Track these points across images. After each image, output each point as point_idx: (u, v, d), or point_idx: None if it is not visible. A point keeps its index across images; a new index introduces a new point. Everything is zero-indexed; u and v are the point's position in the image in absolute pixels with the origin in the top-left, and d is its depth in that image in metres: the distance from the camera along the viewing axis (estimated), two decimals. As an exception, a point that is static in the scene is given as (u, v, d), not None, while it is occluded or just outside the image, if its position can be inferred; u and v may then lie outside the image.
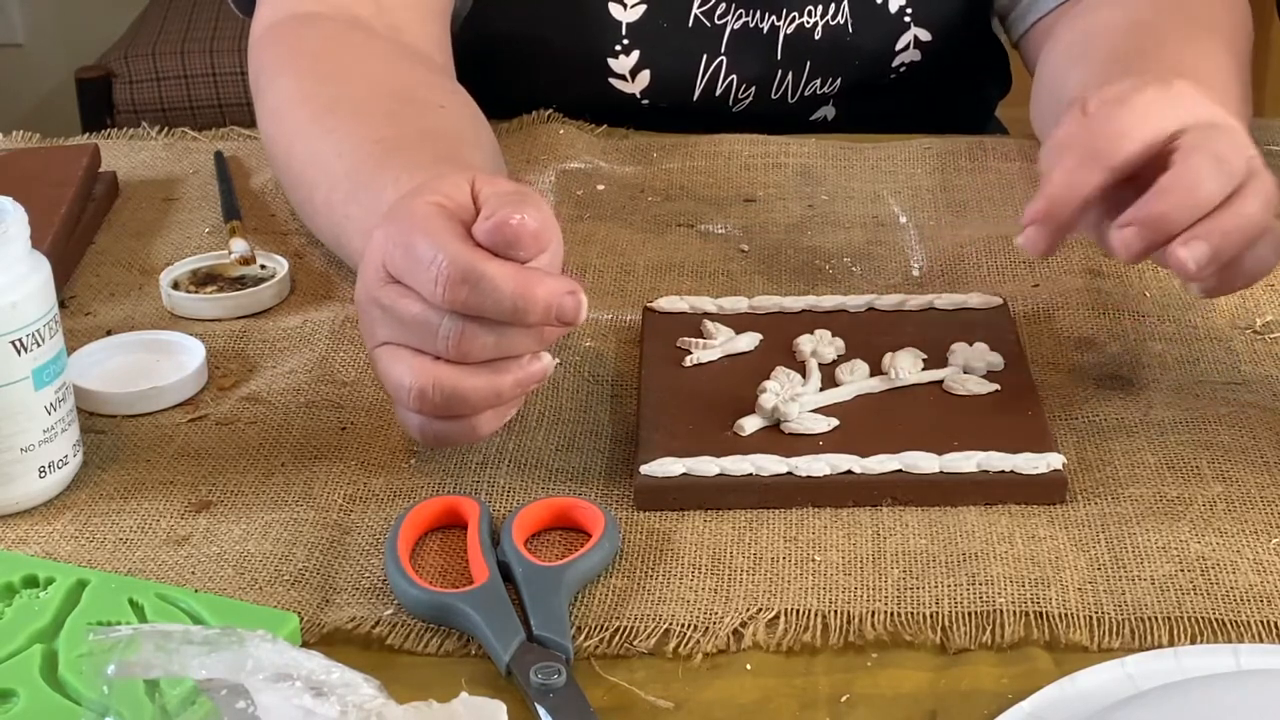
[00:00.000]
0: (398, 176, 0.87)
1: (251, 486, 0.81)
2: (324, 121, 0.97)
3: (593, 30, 1.19)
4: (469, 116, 1.00)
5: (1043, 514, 0.77)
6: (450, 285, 0.72)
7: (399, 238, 0.74)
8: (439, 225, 0.74)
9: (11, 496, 0.78)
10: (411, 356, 0.74)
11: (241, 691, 0.59)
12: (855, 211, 1.08)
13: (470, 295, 0.72)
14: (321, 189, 0.95)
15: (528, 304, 0.72)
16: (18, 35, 3.10)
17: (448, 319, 0.73)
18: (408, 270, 0.74)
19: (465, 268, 0.72)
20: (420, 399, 0.74)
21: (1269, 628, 0.70)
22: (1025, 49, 1.24)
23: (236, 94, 2.37)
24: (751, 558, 0.75)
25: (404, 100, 0.98)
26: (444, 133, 0.96)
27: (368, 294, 0.76)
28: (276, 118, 1.01)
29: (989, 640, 0.70)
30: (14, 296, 0.75)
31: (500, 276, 0.72)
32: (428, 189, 0.77)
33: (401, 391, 0.75)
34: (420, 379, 0.74)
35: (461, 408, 0.75)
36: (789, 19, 1.21)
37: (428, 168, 0.88)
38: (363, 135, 0.94)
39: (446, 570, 0.75)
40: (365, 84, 1.00)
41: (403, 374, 0.74)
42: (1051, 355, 0.90)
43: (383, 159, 0.91)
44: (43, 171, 1.08)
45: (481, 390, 0.74)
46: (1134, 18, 1.08)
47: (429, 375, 0.74)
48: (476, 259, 0.72)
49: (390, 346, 0.76)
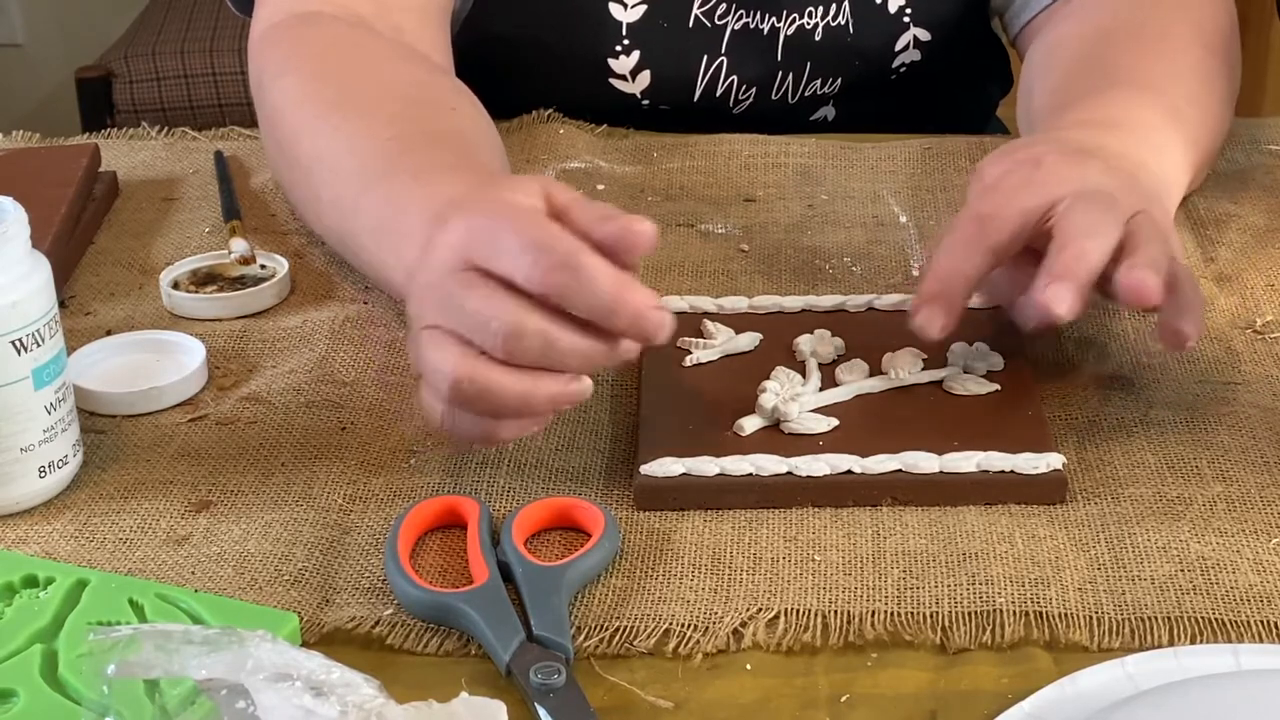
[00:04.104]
0: (418, 173, 0.87)
1: (251, 486, 0.81)
2: (331, 119, 0.97)
3: (593, 31, 1.19)
4: (479, 119, 1.00)
5: (1043, 514, 0.77)
6: (551, 268, 0.72)
7: (493, 224, 0.74)
8: (540, 217, 0.74)
9: (11, 496, 0.78)
10: (457, 344, 0.74)
11: (241, 691, 0.59)
12: (855, 211, 1.08)
13: (569, 281, 0.72)
14: (329, 185, 0.95)
15: (620, 304, 0.73)
16: (18, 35, 3.10)
17: (507, 315, 0.73)
18: (502, 253, 0.73)
19: (569, 253, 0.72)
20: (455, 387, 0.73)
21: (1269, 628, 0.70)
22: (1020, 48, 1.24)
23: (236, 94, 2.37)
24: (751, 558, 0.75)
25: (415, 100, 0.98)
26: (458, 134, 0.96)
27: (436, 276, 0.75)
28: (280, 115, 1.01)
29: (989, 640, 0.70)
30: (14, 296, 0.75)
31: (601, 271, 0.72)
32: (509, 186, 0.77)
33: (438, 376, 0.74)
34: (460, 367, 0.73)
35: (491, 406, 0.74)
36: (789, 20, 1.21)
37: (450, 167, 0.88)
38: (375, 133, 0.94)
39: (446, 570, 0.75)
40: (374, 82, 1.00)
41: (444, 359, 0.74)
42: (1051, 355, 0.90)
43: (398, 156, 0.91)
44: (43, 171, 1.08)
45: (514, 392, 0.74)
46: (1102, 23, 1.10)
47: (469, 365, 0.73)
48: (581, 248, 0.73)
49: (439, 331, 0.75)
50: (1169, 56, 1.04)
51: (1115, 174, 0.86)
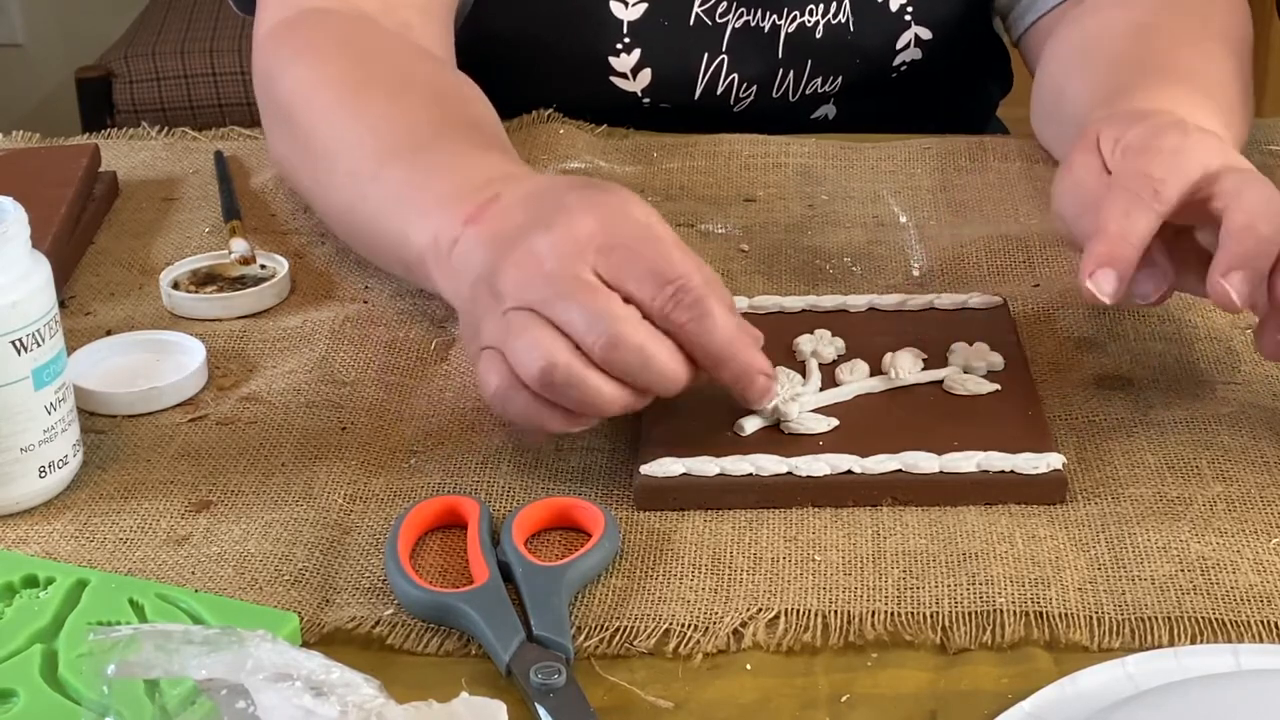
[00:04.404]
0: (453, 147, 0.89)
1: (251, 486, 0.81)
2: (351, 103, 0.97)
3: (594, 29, 1.19)
4: (496, 117, 1.01)
5: (1043, 514, 0.77)
6: (680, 306, 0.75)
7: (635, 244, 0.76)
8: (677, 245, 0.77)
9: (11, 496, 0.78)
10: (554, 332, 0.75)
11: (241, 691, 0.59)
12: (855, 211, 1.08)
13: (691, 320, 0.75)
14: (346, 159, 0.95)
15: (731, 356, 0.76)
16: (18, 35, 3.10)
17: (617, 327, 0.74)
18: (640, 275, 0.75)
19: (702, 294, 0.75)
20: (545, 371, 0.74)
21: (1269, 628, 0.70)
22: (1025, 48, 1.24)
23: (236, 94, 2.37)
24: (751, 558, 0.75)
25: (436, 90, 0.99)
26: (484, 122, 0.96)
27: (565, 262, 0.75)
28: (293, 99, 1.00)
29: (989, 640, 0.70)
30: (14, 296, 0.75)
31: (725, 320, 0.76)
32: (616, 191, 0.80)
33: (530, 354, 0.74)
34: (558, 354, 0.74)
35: (571, 400, 0.75)
36: (790, 17, 1.21)
37: (485, 147, 0.90)
38: (401, 114, 0.94)
39: (446, 570, 0.75)
40: (395, 72, 1.00)
41: (540, 340, 0.74)
42: (1051, 355, 0.90)
43: (432, 137, 0.91)
44: (43, 171, 1.08)
45: (601, 395, 0.75)
46: (1135, 20, 1.08)
47: (567, 357, 0.74)
48: (711, 290, 0.76)
49: (535, 315, 0.75)
50: (1218, 60, 1.03)
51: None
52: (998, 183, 1.11)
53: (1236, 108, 1.00)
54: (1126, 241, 0.79)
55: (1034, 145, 1.16)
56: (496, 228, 0.79)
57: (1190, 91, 0.96)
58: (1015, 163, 1.14)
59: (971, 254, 1.01)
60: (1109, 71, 1.03)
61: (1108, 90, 0.99)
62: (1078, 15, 1.15)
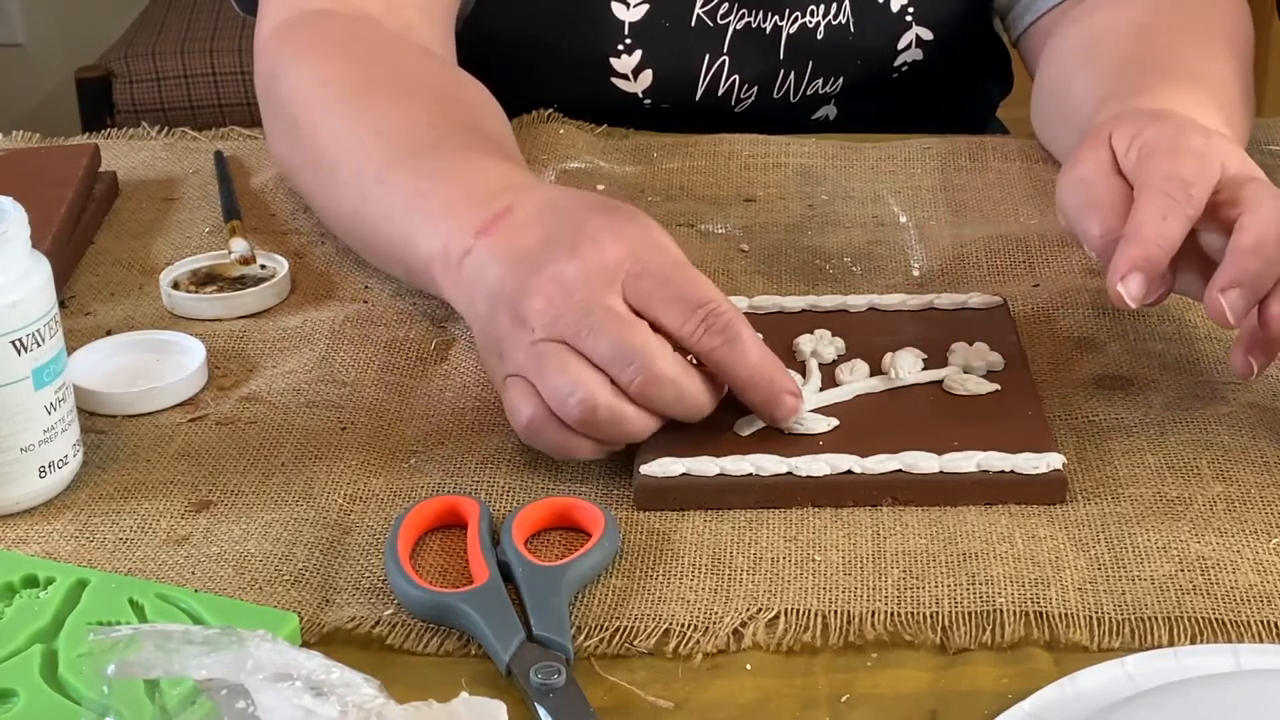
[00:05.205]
0: (464, 152, 0.89)
1: (251, 486, 0.81)
2: (355, 104, 0.97)
3: (595, 30, 1.19)
4: (505, 120, 1.01)
5: (1043, 514, 0.77)
6: (711, 331, 0.76)
7: (664, 273, 0.77)
8: (701, 276, 0.78)
9: (11, 496, 0.78)
10: (591, 369, 0.76)
11: (241, 691, 0.59)
12: (855, 211, 1.08)
13: (721, 347, 0.77)
14: (351, 161, 0.95)
15: (759, 379, 0.78)
16: (18, 35, 3.10)
17: (653, 363, 0.75)
18: (669, 303, 0.76)
19: (731, 323, 0.77)
20: (583, 407, 0.75)
21: (1269, 628, 0.70)
22: (1024, 48, 1.24)
23: (236, 94, 2.37)
24: (751, 558, 0.75)
25: (443, 92, 0.99)
26: (495, 133, 0.96)
27: (595, 291, 0.76)
28: (296, 99, 1.00)
29: (989, 640, 0.70)
30: (14, 296, 0.75)
31: (753, 345, 0.77)
32: (638, 216, 0.80)
33: (569, 392, 0.75)
34: (599, 395, 0.75)
35: (607, 435, 0.77)
36: (791, 18, 1.21)
37: (494, 154, 0.90)
38: (406, 116, 0.95)
39: (446, 570, 0.75)
40: (399, 73, 1.00)
41: (581, 380, 0.75)
42: (1051, 355, 0.90)
43: (434, 138, 0.92)
44: (43, 171, 1.08)
45: (639, 430, 0.77)
46: (1136, 19, 1.08)
47: (608, 396, 0.75)
48: (742, 321, 0.77)
49: (568, 350, 0.76)
50: (1219, 59, 1.03)
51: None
52: (998, 183, 1.11)
53: (1238, 107, 1.00)
54: (1159, 245, 0.79)
55: (1034, 145, 1.16)
56: (512, 243, 0.80)
57: (1194, 91, 0.96)
58: (1015, 163, 1.14)
59: (971, 254, 1.01)
60: (1113, 70, 1.03)
61: (1112, 89, 0.99)
62: (1078, 15, 1.15)
